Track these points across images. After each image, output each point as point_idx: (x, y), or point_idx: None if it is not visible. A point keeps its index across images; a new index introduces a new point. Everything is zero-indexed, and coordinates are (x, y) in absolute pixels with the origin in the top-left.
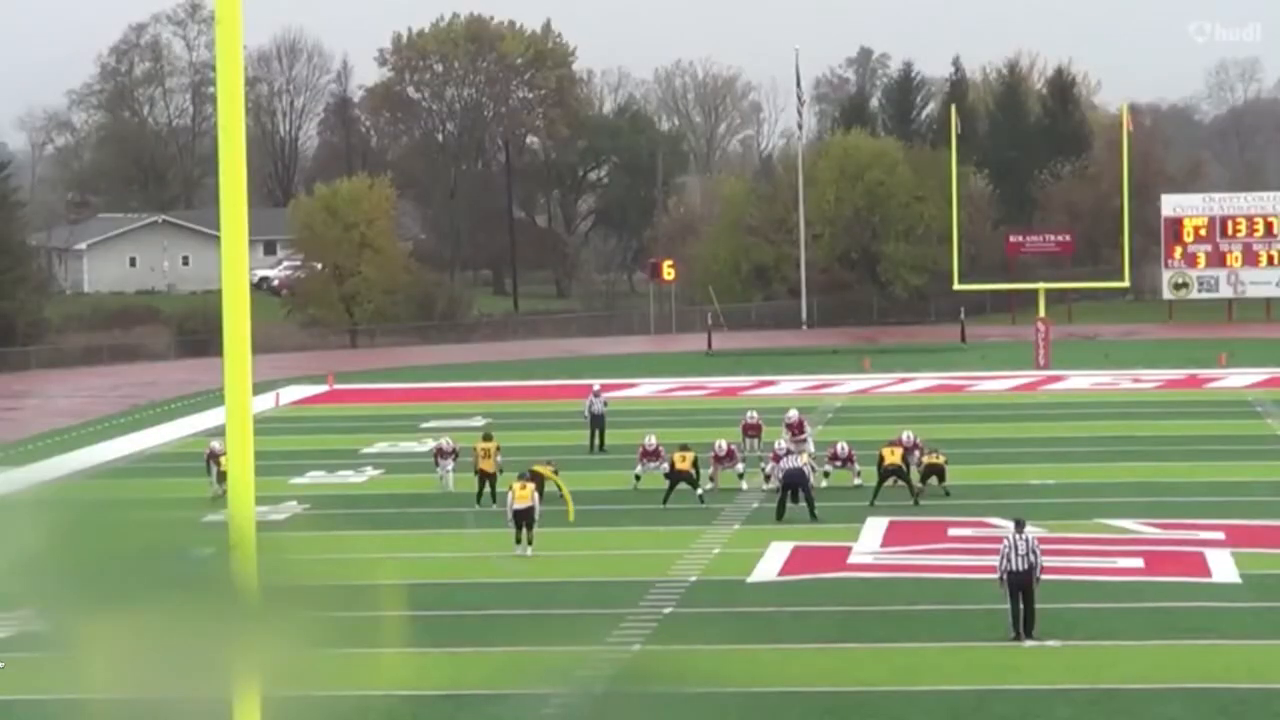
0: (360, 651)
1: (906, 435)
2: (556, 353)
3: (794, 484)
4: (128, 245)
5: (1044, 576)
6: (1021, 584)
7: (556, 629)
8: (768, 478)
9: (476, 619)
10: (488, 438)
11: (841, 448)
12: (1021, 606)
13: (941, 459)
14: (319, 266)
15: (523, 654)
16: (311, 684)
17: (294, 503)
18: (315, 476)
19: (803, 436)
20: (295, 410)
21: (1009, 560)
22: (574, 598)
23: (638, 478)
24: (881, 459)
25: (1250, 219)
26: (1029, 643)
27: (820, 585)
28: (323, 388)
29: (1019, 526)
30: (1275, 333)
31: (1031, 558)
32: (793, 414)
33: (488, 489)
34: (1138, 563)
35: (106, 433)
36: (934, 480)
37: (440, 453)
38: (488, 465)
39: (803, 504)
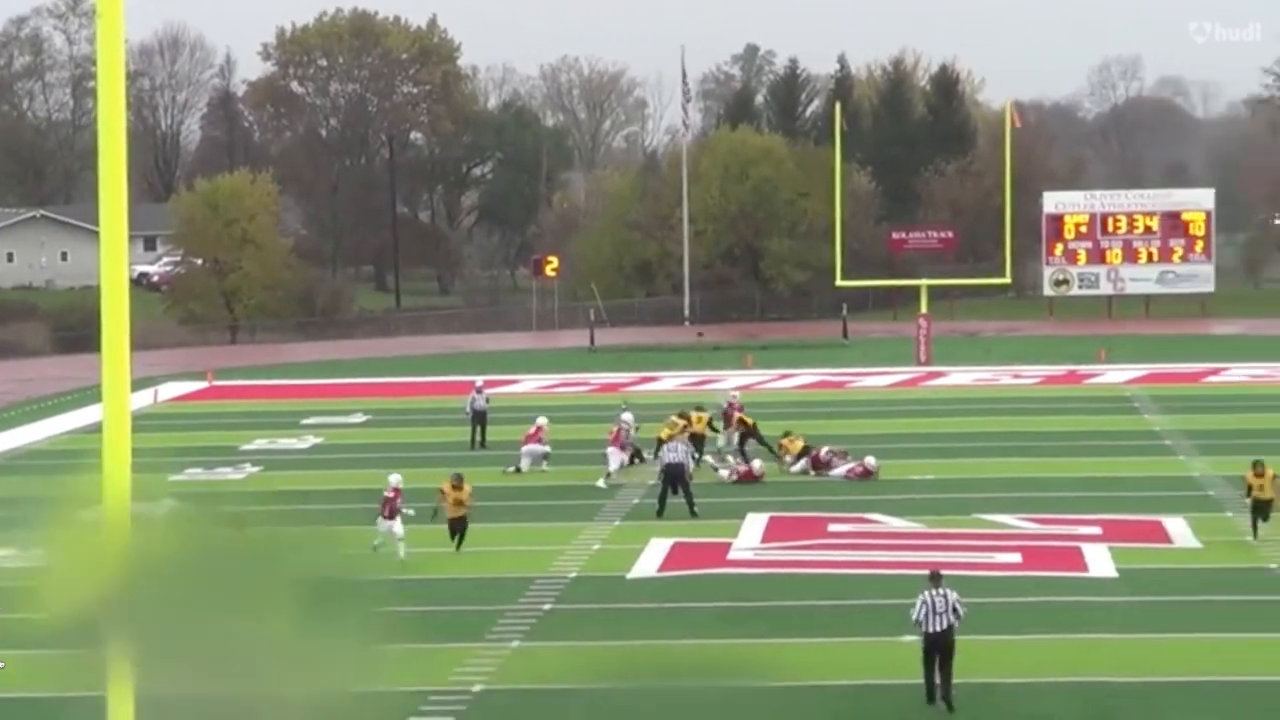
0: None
1: (734, 395)
2: (439, 349)
3: (674, 478)
4: (5, 240)
5: (925, 573)
6: (940, 646)
7: (435, 626)
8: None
9: None
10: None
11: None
12: (938, 671)
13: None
14: (199, 262)
15: (401, 651)
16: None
17: (171, 501)
18: (194, 474)
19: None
20: (174, 407)
21: (929, 623)
22: (453, 595)
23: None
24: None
25: (1130, 216)
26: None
27: (700, 581)
28: (202, 384)
29: (935, 581)
30: (1154, 329)
31: (950, 616)
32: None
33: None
34: (1015, 558)
35: None
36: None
37: (388, 503)
38: (458, 512)
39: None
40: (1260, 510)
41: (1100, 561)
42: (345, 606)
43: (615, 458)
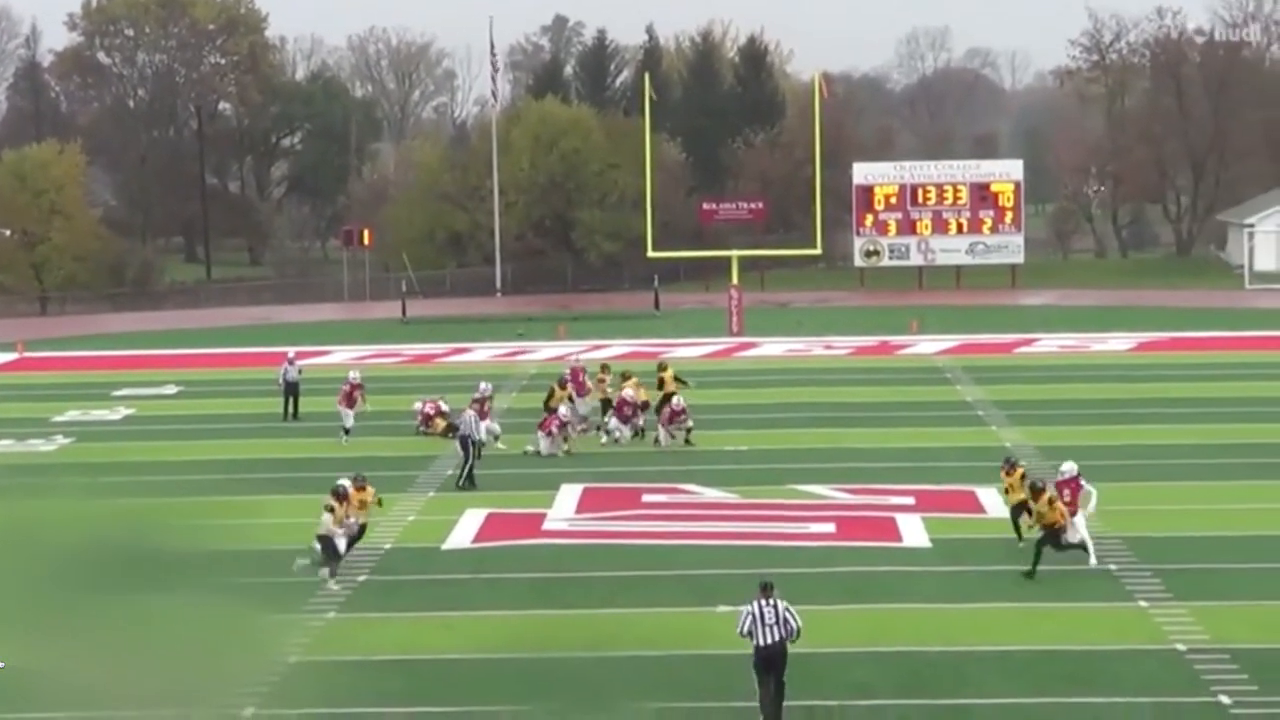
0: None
1: (575, 360)
2: (250, 320)
3: (462, 444)
4: None
5: (739, 543)
6: (770, 660)
7: (251, 597)
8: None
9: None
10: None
11: (678, 400)
12: (771, 686)
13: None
14: (7, 233)
15: (218, 623)
16: None
17: None
18: (4, 445)
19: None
20: None
21: (757, 634)
22: (267, 566)
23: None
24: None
25: (940, 187)
26: None
27: (515, 552)
28: (12, 355)
29: (764, 591)
30: (965, 300)
31: (781, 629)
32: (486, 387)
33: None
34: (830, 528)
35: None
36: None
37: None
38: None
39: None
40: (1020, 512)
41: (914, 531)
42: (169, 579)
43: (482, 428)
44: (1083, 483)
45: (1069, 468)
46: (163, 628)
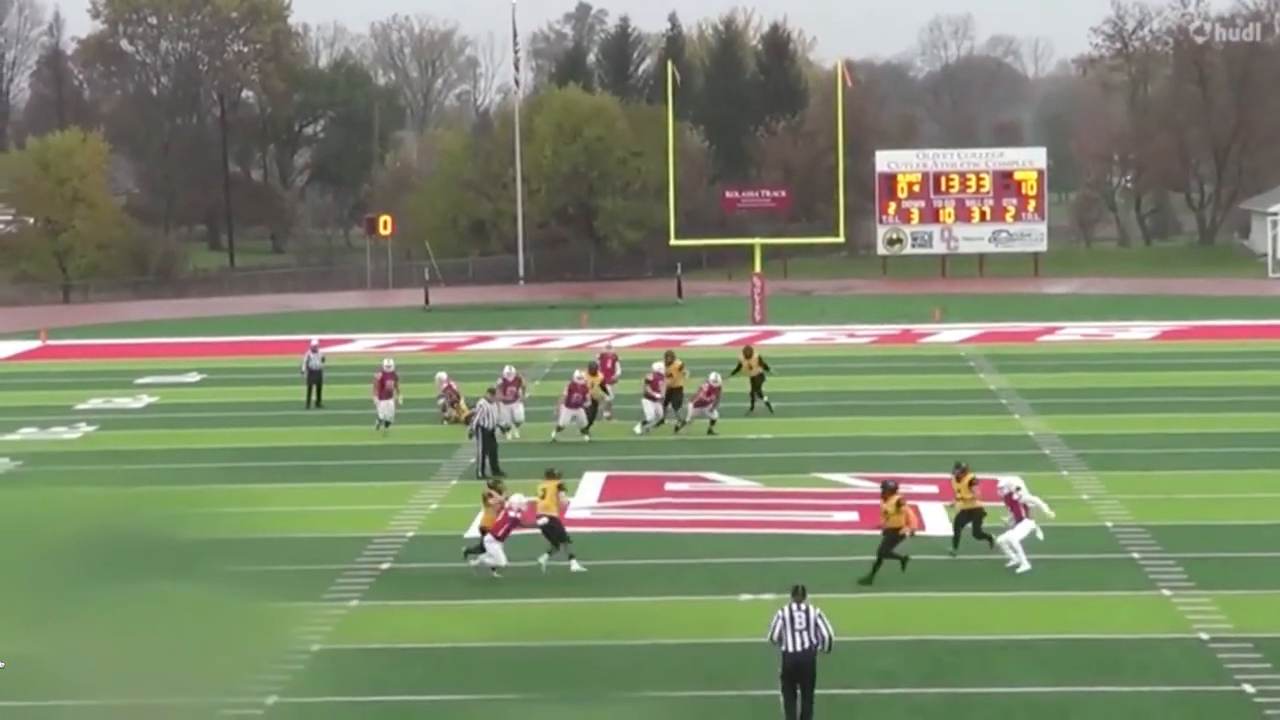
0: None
1: (607, 347)
2: (273, 308)
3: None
4: None
5: (762, 531)
6: (799, 668)
7: (274, 585)
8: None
9: None
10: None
11: (715, 377)
12: (799, 696)
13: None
14: (31, 221)
15: (240, 610)
16: None
17: (5, 459)
18: (28, 433)
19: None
20: (7, 366)
21: (786, 640)
22: (291, 554)
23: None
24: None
25: (963, 175)
26: None
27: (538, 540)
28: (35, 343)
29: (796, 596)
30: (988, 288)
31: (812, 635)
32: (509, 371)
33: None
34: (853, 516)
35: None
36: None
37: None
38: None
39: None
40: (966, 520)
41: (937, 520)
42: (191, 566)
43: (506, 412)
44: (1026, 500)
45: (1007, 483)
46: (185, 616)
